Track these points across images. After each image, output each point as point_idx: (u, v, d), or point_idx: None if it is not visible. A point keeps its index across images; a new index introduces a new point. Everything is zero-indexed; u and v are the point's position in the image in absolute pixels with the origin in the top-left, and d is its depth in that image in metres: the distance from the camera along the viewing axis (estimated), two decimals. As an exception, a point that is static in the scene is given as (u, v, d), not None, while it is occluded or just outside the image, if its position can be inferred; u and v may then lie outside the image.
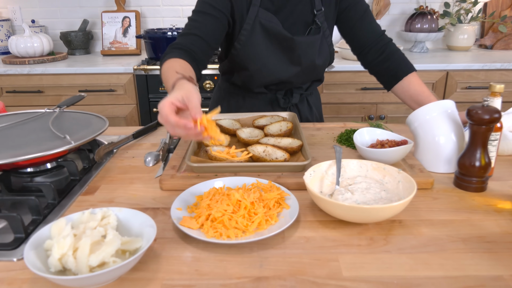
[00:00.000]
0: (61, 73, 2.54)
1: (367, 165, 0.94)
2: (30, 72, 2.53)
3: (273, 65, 1.34)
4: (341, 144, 1.19)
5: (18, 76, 2.55)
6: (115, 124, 2.63)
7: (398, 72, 1.36)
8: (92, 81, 2.55)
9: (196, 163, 0.98)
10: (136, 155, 1.17)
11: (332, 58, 1.45)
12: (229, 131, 1.23)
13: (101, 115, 1.18)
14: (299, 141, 1.10)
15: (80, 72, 2.53)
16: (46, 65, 2.64)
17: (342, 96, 2.57)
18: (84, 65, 2.60)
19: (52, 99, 2.59)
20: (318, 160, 1.08)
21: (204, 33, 1.22)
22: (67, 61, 2.79)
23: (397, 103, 2.58)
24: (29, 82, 2.56)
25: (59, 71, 2.54)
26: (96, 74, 2.54)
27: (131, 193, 0.95)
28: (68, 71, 2.53)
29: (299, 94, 1.46)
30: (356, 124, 1.36)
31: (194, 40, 1.21)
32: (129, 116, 2.62)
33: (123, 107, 2.61)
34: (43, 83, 2.56)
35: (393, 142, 1.04)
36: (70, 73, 2.54)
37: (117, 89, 2.55)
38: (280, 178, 0.96)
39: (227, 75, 1.47)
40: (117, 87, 2.55)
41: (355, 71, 2.50)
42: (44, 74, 2.54)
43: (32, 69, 2.53)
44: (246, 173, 0.99)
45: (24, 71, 2.53)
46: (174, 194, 0.93)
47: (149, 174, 1.05)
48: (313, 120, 1.53)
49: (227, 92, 1.50)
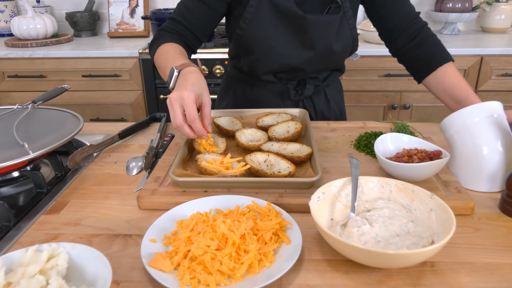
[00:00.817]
0: (64, 57, 2.40)
1: (390, 185, 0.75)
2: (31, 55, 2.40)
3: (281, 48, 1.15)
4: (359, 150, 1.00)
5: (20, 60, 2.42)
6: (121, 112, 2.49)
7: (432, 60, 1.15)
8: (96, 65, 2.40)
9: (182, 176, 0.81)
10: (119, 159, 1.01)
11: (355, 44, 1.24)
12: (228, 132, 1.06)
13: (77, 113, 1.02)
14: (308, 148, 0.92)
15: (83, 56, 2.38)
16: (49, 48, 2.50)
17: (363, 83, 2.36)
18: (88, 48, 2.45)
19: (55, 84, 2.45)
20: (330, 172, 0.89)
21: (192, 24, 1.14)
22: (71, 43, 2.64)
23: (423, 91, 2.35)
24: (31, 66, 2.43)
25: (61, 54, 2.40)
26: (100, 58, 2.39)
27: (103, 212, 0.80)
28: (71, 55, 2.38)
29: (313, 86, 1.26)
30: (378, 123, 1.16)
31: (180, 29, 1.13)
32: (135, 103, 2.47)
33: (129, 93, 2.45)
34: (46, 67, 2.43)
35: (424, 153, 0.85)
36: (73, 57, 2.39)
37: (122, 74, 2.40)
38: (282, 198, 0.79)
39: (235, 60, 1.29)
40: (122, 72, 2.39)
41: (378, 56, 2.28)
42: (46, 58, 2.41)
43: (34, 53, 2.40)
44: (242, 189, 0.82)
45: (25, 54, 2.40)
46: (153, 215, 0.77)
47: (130, 186, 0.89)
48: (330, 117, 1.34)
49: (235, 79, 1.33)
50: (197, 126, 0.85)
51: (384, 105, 2.42)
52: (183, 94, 0.82)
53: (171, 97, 0.83)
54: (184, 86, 0.84)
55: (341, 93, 1.41)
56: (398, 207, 0.72)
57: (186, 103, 0.82)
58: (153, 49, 1.11)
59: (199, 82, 0.87)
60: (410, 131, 1.05)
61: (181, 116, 0.83)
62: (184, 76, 0.89)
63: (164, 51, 1.05)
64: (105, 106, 2.50)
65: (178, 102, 0.83)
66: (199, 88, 0.86)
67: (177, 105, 0.83)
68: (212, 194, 0.80)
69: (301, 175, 0.86)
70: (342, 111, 1.40)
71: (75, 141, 1.06)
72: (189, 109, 0.82)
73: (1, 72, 2.44)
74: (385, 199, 0.75)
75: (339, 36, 1.18)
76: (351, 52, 1.26)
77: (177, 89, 0.85)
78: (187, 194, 0.81)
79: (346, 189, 0.76)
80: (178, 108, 0.83)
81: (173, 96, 0.83)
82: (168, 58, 1.01)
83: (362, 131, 1.12)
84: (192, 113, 0.82)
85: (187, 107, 0.82)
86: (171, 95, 0.83)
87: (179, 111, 0.83)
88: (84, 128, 1.21)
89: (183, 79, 0.88)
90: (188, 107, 0.82)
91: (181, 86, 0.84)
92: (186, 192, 0.82)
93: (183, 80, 0.88)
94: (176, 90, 0.85)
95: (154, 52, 1.10)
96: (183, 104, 0.83)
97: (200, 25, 1.15)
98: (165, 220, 0.72)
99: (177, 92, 0.83)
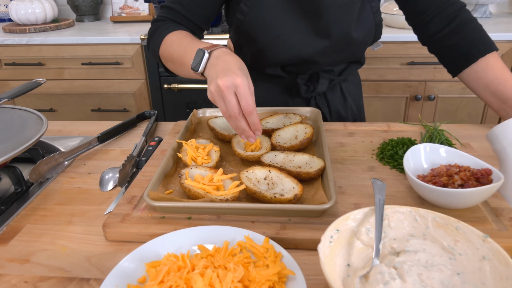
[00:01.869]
0: (62, 43, 2.25)
1: (427, 219, 0.57)
2: (29, 42, 2.26)
3: (290, 36, 0.97)
4: (383, 162, 0.81)
5: (17, 46, 2.28)
6: (123, 102, 2.34)
7: (472, 50, 0.96)
8: (97, 52, 2.25)
9: (159, 200, 0.64)
10: (95, 169, 0.85)
11: (378, 32, 1.04)
12: (224, 137, 0.88)
13: (41, 114, 0.86)
14: (320, 161, 0.74)
15: (82, 42, 2.23)
16: (48, 34, 2.35)
17: (383, 72, 2.16)
18: (89, 34, 2.29)
19: (54, 72, 2.32)
20: (346, 192, 0.72)
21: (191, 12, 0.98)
22: (72, 29, 2.48)
23: (451, 80, 2.13)
24: (28, 54, 2.29)
25: (60, 41, 2.25)
26: (101, 45, 2.23)
27: (61, 244, 0.64)
28: (69, 41, 2.23)
29: (327, 80, 1.07)
30: (404, 126, 0.98)
31: (178, 18, 0.97)
32: (138, 93, 2.31)
33: (131, 83, 2.30)
34: (43, 54, 2.29)
35: (468, 172, 0.66)
36: (72, 44, 2.24)
37: (124, 61, 2.24)
38: (285, 230, 0.62)
39: (236, 49, 1.11)
40: (123, 59, 2.23)
41: (401, 42, 2.08)
42: (44, 44, 2.26)
43: (31, 39, 2.25)
44: (235, 215, 0.65)
45: (22, 41, 2.26)
46: (122, 250, 0.61)
47: (100, 206, 0.73)
48: (347, 117, 1.15)
49: None
50: (255, 119, 0.71)
51: (407, 96, 2.22)
52: (236, 80, 0.68)
53: (221, 84, 0.69)
54: (232, 70, 0.70)
55: (359, 88, 1.22)
56: (438, 250, 0.55)
57: (241, 91, 0.69)
58: (157, 42, 0.94)
59: (243, 66, 0.74)
60: (446, 137, 0.86)
61: (237, 105, 0.70)
62: (222, 58, 0.74)
63: (175, 39, 0.90)
64: (107, 95, 2.35)
65: (231, 89, 0.69)
66: (247, 74, 0.73)
67: (231, 94, 0.69)
68: (197, 222, 0.64)
69: (309, 197, 0.69)
70: (361, 109, 1.21)
71: (45, 146, 0.91)
72: (246, 99, 0.69)
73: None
74: (420, 237, 0.57)
75: (360, 22, 0.99)
76: (373, 40, 1.06)
77: (222, 74, 0.70)
78: (166, 221, 0.65)
79: (367, 223, 0.58)
80: (232, 97, 0.69)
81: (223, 83, 0.68)
82: (183, 44, 0.87)
83: (386, 136, 0.93)
84: (250, 103, 0.69)
85: (243, 96, 0.69)
86: (220, 82, 0.69)
87: (234, 100, 0.69)
88: (62, 128, 1.05)
89: (222, 62, 0.73)
90: (244, 96, 0.69)
91: (227, 71, 0.70)
92: (165, 218, 0.65)
93: (223, 63, 0.73)
94: (221, 75, 0.70)
95: (158, 45, 0.94)
96: (238, 92, 0.69)
97: (200, 12, 0.98)
98: (132, 261, 0.56)
99: (227, 78, 0.69)
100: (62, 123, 1.08)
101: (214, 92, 0.71)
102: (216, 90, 0.70)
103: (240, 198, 0.69)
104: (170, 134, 0.95)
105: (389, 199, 0.69)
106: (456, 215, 0.64)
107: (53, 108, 2.42)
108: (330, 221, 0.63)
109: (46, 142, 0.92)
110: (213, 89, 0.70)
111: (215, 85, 0.70)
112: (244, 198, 0.69)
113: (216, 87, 0.70)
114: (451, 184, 0.65)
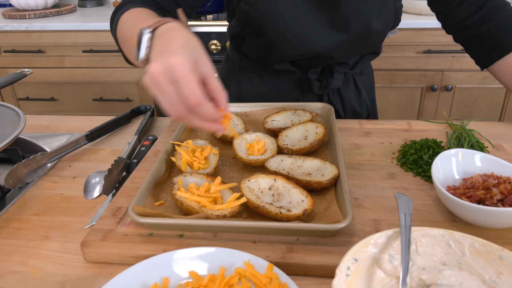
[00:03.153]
0: (62, 30, 2.16)
1: (463, 245, 0.48)
2: (28, 28, 2.17)
3: (303, 30, 0.86)
4: (405, 169, 0.71)
5: (16, 33, 2.20)
6: (126, 91, 2.25)
7: (505, 40, 0.85)
8: (98, 39, 2.16)
9: (146, 216, 0.55)
10: (81, 172, 0.76)
11: (398, 20, 0.93)
12: (225, 137, 0.79)
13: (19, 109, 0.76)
14: (333, 168, 0.65)
15: (83, 28, 2.13)
16: (48, 19, 2.26)
17: (398, 61, 2.04)
18: (90, 20, 2.20)
19: (55, 60, 2.23)
20: (363, 205, 0.62)
21: None
22: (73, 14, 2.39)
23: (470, 70, 2.02)
24: (28, 40, 2.21)
25: (60, 27, 2.15)
26: (102, 31, 2.14)
27: (33, 264, 0.55)
28: (70, 27, 2.14)
29: (342, 74, 0.96)
30: (428, 124, 0.87)
31: None
32: (141, 82, 2.22)
33: (134, 71, 2.20)
34: (43, 41, 2.20)
35: (509, 184, 0.56)
36: (72, 30, 2.15)
37: (126, 49, 2.14)
38: (292, 252, 0.52)
39: (237, 40, 1.00)
40: (125, 46, 2.13)
41: (417, 29, 1.96)
42: (44, 30, 2.17)
43: (31, 25, 2.16)
44: (234, 234, 0.56)
45: (22, 27, 2.17)
46: (102, 274, 0.53)
47: (82, 217, 0.64)
48: (362, 112, 1.04)
49: (237, 66, 1.03)
50: (207, 110, 0.50)
51: (422, 86, 2.11)
52: (170, 61, 0.48)
53: (152, 71, 0.49)
54: (169, 50, 0.50)
55: (372, 79, 1.11)
56: (477, 284, 0.45)
57: (179, 76, 0.48)
58: (114, 22, 0.78)
59: (190, 42, 0.53)
60: (477, 139, 0.75)
61: (176, 97, 0.49)
62: (163, 36, 0.55)
63: (130, 16, 0.73)
64: (109, 84, 2.27)
65: (165, 76, 0.49)
66: (193, 51, 0.52)
67: (167, 82, 0.49)
68: (190, 242, 0.55)
69: (321, 211, 0.59)
70: (374, 102, 1.10)
71: (28, 145, 0.82)
72: (187, 85, 0.48)
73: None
74: (454, 267, 0.47)
75: (382, 11, 0.88)
76: (392, 27, 0.95)
77: (157, 57, 0.51)
78: (154, 240, 0.56)
79: (391, 248, 0.49)
80: (169, 87, 0.49)
81: (154, 70, 0.49)
82: (136, 22, 0.68)
83: (407, 136, 0.83)
84: (193, 90, 0.48)
85: (182, 82, 0.48)
86: (151, 69, 0.49)
87: (172, 90, 0.49)
88: (50, 124, 0.96)
89: (163, 41, 0.54)
90: (183, 82, 0.48)
91: (164, 53, 0.51)
92: (153, 236, 0.56)
93: (164, 42, 0.54)
94: (155, 59, 0.51)
95: (115, 26, 0.76)
96: (175, 78, 0.48)
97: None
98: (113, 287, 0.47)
99: (160, 62, 0.49)
100: (51, 118, 0.99)
101: (149, 83, 0.50)
102: (148, 81, 0.50)
103: (241, 212, 0.60)
104: (166, 132, 0.86)
105: (414, 214, 0.59)
106: (496, 235, 0.55)
107: (54, 97, 2.34)
108: (346, 242, 0.54)
109: (29, 140, 0.83)
110: (147, 80, 0.50)
111: (148, 75, 0.50)
112: (246, 212, 0.60)
113: (149, 77, 0.50)
114: (489, 199, 0.55)
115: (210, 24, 2.03)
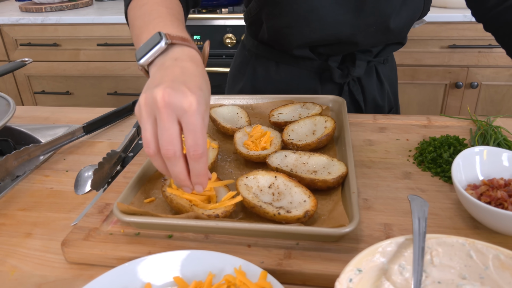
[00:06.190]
0: (77, 23, 2.15)
1: (486, 255, 0.41)
2: (44, 21, 2.17)
3: (327, 11, 0.80)
4: (423, 168, 0.64)
5: (32, 26, 2.20)
6: (140, 85, 2.22)
7: None
8: (113, 32, 2.14)
9: (131, 214, 0.51)
10: (74, 165, 0.72)
11: (426, 8, 0.87)
12: (226, 131, 0.74)
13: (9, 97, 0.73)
14: (341, 165, 0.59)
15: (98, 22, 2.12)
16: (64, 13, 2.25)
17: (420, 56, 1.96)
18: (106, 13, 2.18)
19: (70, 54, 2.23)
20: (373, 207, 0.56)
21: None
22: (90, 8, 2.38)
23: (497, 66, 1.92)
24: (43, 34, 2.21)
25: (75, 20, 2.15)
26: (117, 25, 2.12)
27: (11, 264, 0.51)
28: (85, 21, 2.12)
29: (365, 62, 0.90)
30: (449, 120, 0.80)
31: None
32: (155, 76, 2.19)
33: (148, 65, 2.17)
34: (59, 34, 2.20)
35: (541, 188, 0.49)
36: (87, 23, 2.14)
37: (140, 42, 2.11)
38: (291, 259, 0.47)
39: (254, 26, 0.94)
40: (139, 40, 2.11)
41: (441, 22, 1.87)
42: (59, 24, 2.17)
43: (46, 18, 2.16)
44: (228, 236, 0.51)
45: (37, 20, 2.17)
46: (83, 276, 0.48)
47: (69, 214, 0.60)
48: (384, 105, 0.97)
49: (253, 54, 0.98)
50: (202, 168, 0.46)
51: (446, 83, 2.02)
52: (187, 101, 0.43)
53: (160, 98, 0.43)
54: (187, 85, 0.45)
55: (395, 72, 1.04)
56: (502, 304, 0.39)
57: (191, 122, 0.43)
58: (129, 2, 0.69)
59: (207, 85, 0.48)
60: (504, 137, 0.68)
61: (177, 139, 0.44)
62: (181, 62, 0.48)
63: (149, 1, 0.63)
64: (123, 78, 2.25)
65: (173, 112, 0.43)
66: (208, 97, 0.47)
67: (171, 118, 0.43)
68: (179, 244, 0.50)
69: (325, 213, 0.53)
70: (396, 96, 1.03)
71: (23, 137, 0.79)
72: (196, 135, 0.44)
73: (13, 39, 2.24)
74: (475, 281, 0.41)
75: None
76: (419, 16, 0.89)
77: (170, 84, 0.44)
78: (140, 240, 0.51)
79: (402, 258, 0.42)
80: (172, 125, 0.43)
81: (164, 98, 0.43)
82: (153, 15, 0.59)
83: (426, 132, 0.76)
84: (200, 143, 0.44)
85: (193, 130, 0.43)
86: (160, 94, 0.43)
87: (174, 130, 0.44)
88: (50, 115, 0.93)
89: (179, 68, 0.47)
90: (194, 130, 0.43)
91: (180, 83, 0.45)
92: (140, 236, 0.52)
93: (180, 69, 0.47)
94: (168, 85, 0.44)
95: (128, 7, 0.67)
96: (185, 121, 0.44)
97: None
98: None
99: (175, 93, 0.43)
100: (51, 109, 0.96)
101: (143, 106, 0.45)
102: (147, 104, 0.44)
103: (237, 212, 0.55)
104: (167, 125, 0.81)
105: (431, 219, 0.53)
106: (524, 246, 0.48)
107: (70, 91, 2.34)
108: (351, 248, 0.48)
109: (25, 132, 0.80)
110: (144, 102, 0.45)
111: (150, 96, 0.44)
112: (242, 212, 0.55)
113: (150, 99, 0.44)
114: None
115: (226, 17, 1.98)
